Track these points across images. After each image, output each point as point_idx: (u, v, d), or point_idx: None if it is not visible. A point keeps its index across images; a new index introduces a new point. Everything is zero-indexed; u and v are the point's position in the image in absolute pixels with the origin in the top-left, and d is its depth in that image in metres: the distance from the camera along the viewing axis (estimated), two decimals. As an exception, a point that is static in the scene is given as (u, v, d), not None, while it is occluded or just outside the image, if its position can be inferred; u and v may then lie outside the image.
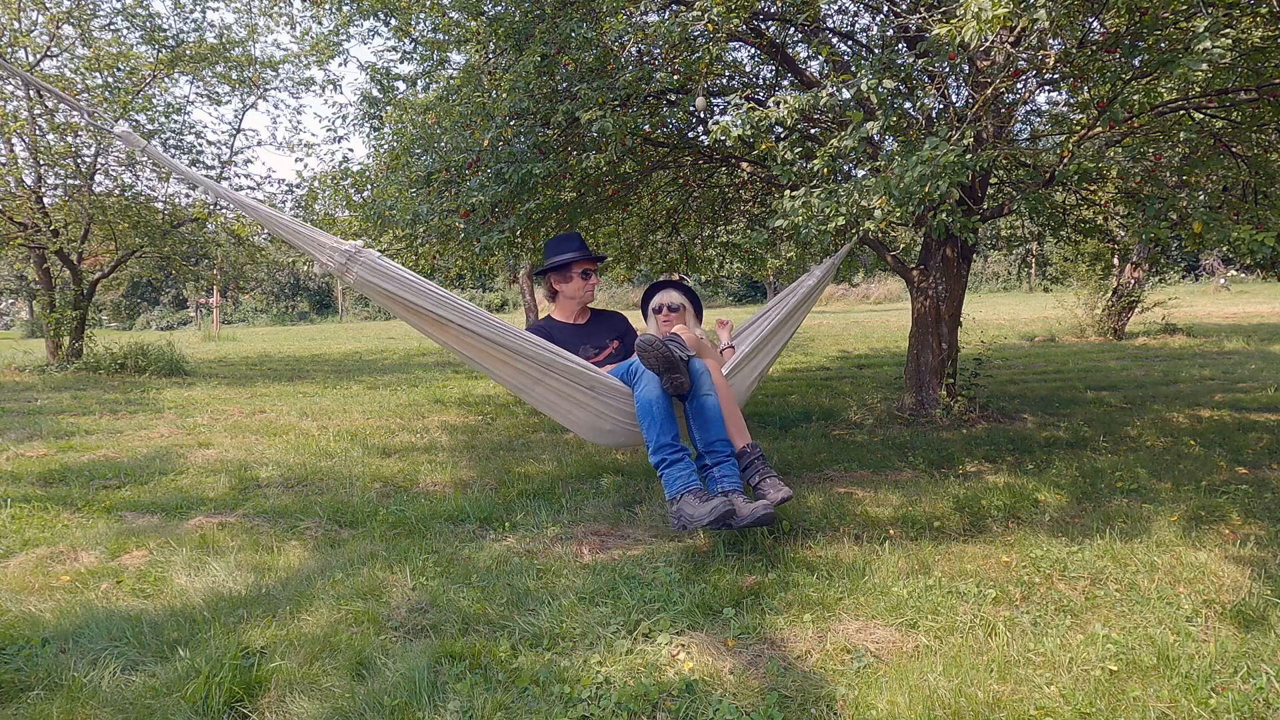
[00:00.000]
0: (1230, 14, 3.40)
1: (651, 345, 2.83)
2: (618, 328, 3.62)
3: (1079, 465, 3.95)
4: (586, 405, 3.08)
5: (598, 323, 3.60)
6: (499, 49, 4.54)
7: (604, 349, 3.48)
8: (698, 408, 2.96)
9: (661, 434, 2.82)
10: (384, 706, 1.86)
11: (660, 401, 2.87)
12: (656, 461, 2.83)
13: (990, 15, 2.47)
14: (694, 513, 2.63)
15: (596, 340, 3.48)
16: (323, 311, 36.57)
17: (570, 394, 3.06)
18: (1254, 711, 1.81)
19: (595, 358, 3.39)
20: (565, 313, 3.57)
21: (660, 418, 2.84)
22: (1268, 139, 4.58)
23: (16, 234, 8.76)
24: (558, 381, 3.03)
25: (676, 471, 2.77)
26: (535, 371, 3.01)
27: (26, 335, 21.15)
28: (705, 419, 2.93)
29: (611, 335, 3.55)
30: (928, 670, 1.98)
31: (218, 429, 5.56)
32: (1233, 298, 19.33)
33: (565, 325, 3.53)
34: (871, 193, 3.02)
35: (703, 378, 2.98)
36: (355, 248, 2.81)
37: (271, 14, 9.07)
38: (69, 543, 3.04)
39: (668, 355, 2.83)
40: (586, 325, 3.56)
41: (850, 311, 22.05)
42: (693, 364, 2.98)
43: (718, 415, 2.94)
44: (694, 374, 2.96)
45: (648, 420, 2.86)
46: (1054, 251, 11.45)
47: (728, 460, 2.88)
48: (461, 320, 2.89)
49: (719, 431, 2.92)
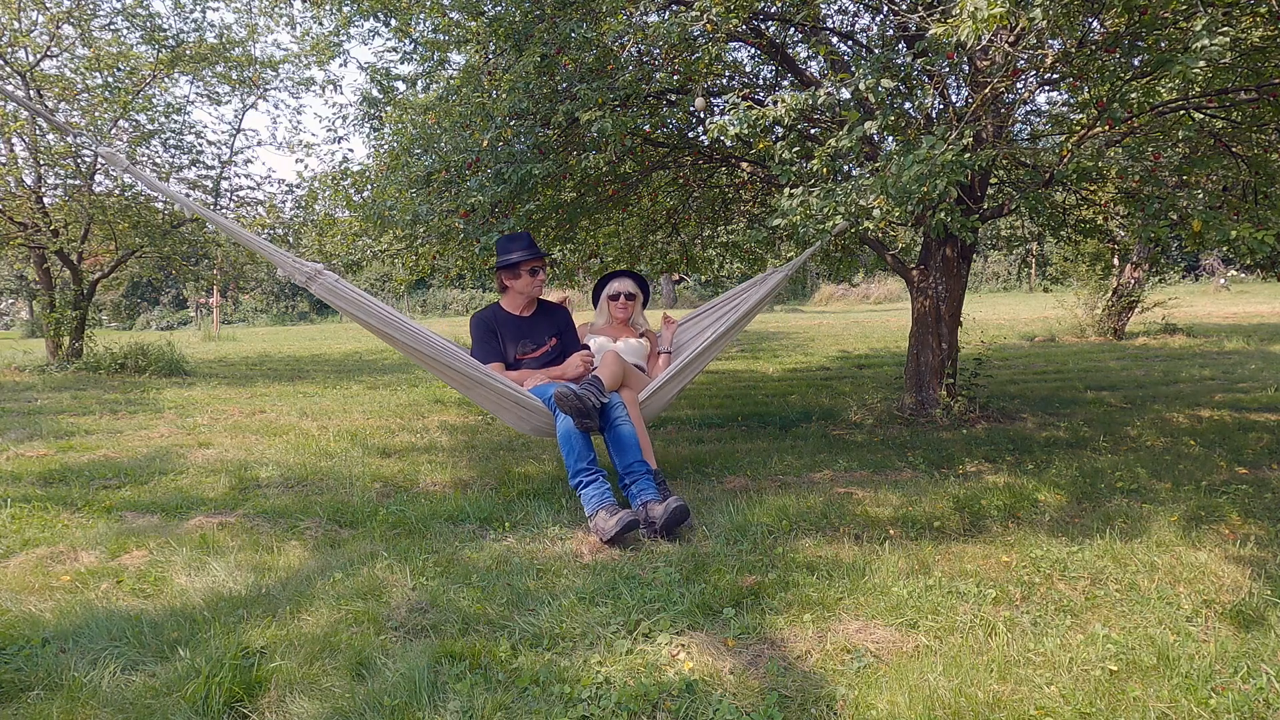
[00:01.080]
0: (1229, 13, 3.40)
1: (566, 398, 3.25)
2: (559, 323, 3.92)
3: (1079, 465, 3.95)
4: (514, 411, 3.54)
5: (541, 316, 3.88)
6: (499, 49, 4.54)
7: (541, 346, 3.81)
8: (615, 436, 3.36)
9: (578, 460, 3.23)
10: (384, 706, 1.86)
11: (577, 432, 3.28)
12: (575, 484, 3.22)
13: (986, 15, 2.47)
14: (605, 526, 2.96)
15: (536, 337, 3.82)
16: (323, 311, 36.54)
17: (500, 403, 3.52)
18: (1254, 711, 1.81)
19: (532, 354, 3.78)
20: (512, 304, 3.85)
21: (578, 445, 3.26)
22: (1268, 139, 4.58)
23: (16, 234, 8.75)
24: (489, 392, 3.48)
25: (591, 491, 3.14)
26: (468, 383, 3.46)
27: (26, 335, 21.15)
28: (622, 446, 3.33)
29: (551, 332, 3.86)
30: (928, 670, 1.98)
31: (218, 429, 5.56)
32: (1233, 298, 19.33)
33: (510, 317, 3.82)
34: (870, 192, 3.02)
35: (618, 409, 3.40)
36: (316, 269, 3.20)
37: (271, 14, 9.06)
38: (69, 543, 3.04)
39: (580, 407, 3.26)
40: (531, 318, 3.85)
41: (850, 311, 22.04)
42: (611, 398, 3.42)
43: (634, 441, 3.33)
44: (611, 406, 3.40)
45: (566, 447, 3.27)
46: (1054, 251, 11.45)
47: (644, 476, 3.24)
48: (403, 338, 3.31)
49: (635, 454, 3.30)
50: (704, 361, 3.89)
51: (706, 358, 3.88)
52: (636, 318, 4.16)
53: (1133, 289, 10.91)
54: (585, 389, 3.35)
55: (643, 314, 4.20)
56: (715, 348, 3.88)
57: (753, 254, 6.92)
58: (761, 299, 3.99)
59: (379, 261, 5.88)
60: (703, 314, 4.34)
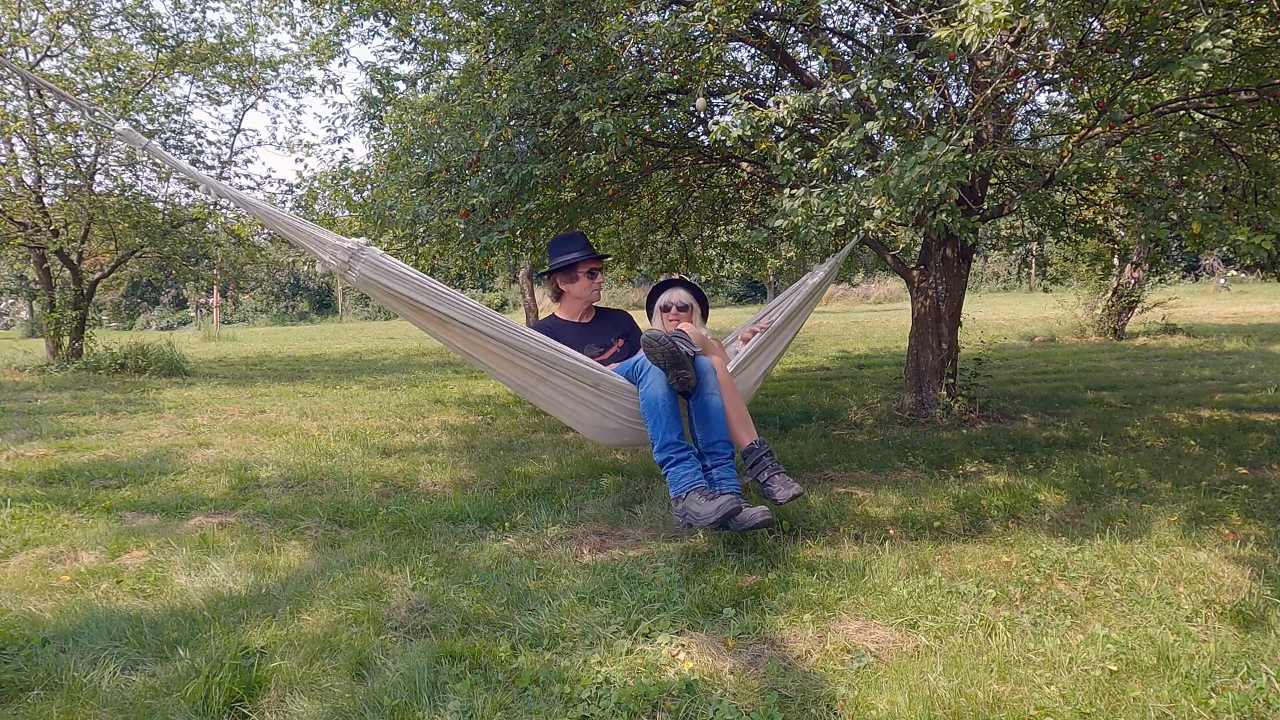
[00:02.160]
0: (1230, 14, 3.40)
1: (658, 340, 2.80)
2: (622, 326, 3.60)
3: (1079, 465, 3.95)
4: (591, 404, 3.05)
5: (603, 321, 3.58)
6: (499, 49, 4.54)
7: (609, 348, 3.46)
8: (702, 407, 2.92)
9: (667, 432, 2.81)
10: (384, 706, 1.86)
11: (666, 399, 2.84)
12: (662, 460, 2.82)
13: (992, 19, 2.47)
14: (700, 511, 2.62)
15: (601, 339, 3.47)
16: (323, 311, 36.58)
17: (575, 392, 3.03)
18: (1254, 711, 1.81)
19: (600, 356, 3.37)
20: (570, 312, 3.55)
21: (666, 415, 2.82)
22: (1268, 139, 4.58)
23: (16, 234, 8.76)
24: (562, 380, 3.00)
25: (682, 470, 2.76)
26: (539, 370, 2.98)
27: (26, 335, 21.15)
28: (709, 418, 2.90)
29: (617, 334, 3.53)
30: (928, 670, 1.98)
31: (218, 429, 5.56)
32: (1233, 298, 19.33)
33: (570, 324, 3.52)
34: (871, 193, 3.02)
35: (708, 376, 2.95)
36: (358, 245, 2.80)
37: (271, 14, 9.07)
38: (69, 543, 3.04)
39: (674, 350, 2.80)
40: (591, 324, 3.54)
41: (850, 311, 22.05)
42: (699, 361, 2.94)
43: (721, 415, 2.91)
44: (700, 372, 2.93)
45: (653, 418, 2.84)
46: (1054, 251, 11.45)
47: (727, 462, 2.86)
48: (465, 318, 2.86)
49: (721, 432, 2.89)
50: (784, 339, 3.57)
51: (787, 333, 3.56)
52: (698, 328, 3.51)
53: (1133, 289, 10.91)
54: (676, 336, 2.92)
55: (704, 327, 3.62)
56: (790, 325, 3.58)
57: (753, 254, 6.92)
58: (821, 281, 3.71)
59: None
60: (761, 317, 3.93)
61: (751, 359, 3.41)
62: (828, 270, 3.82)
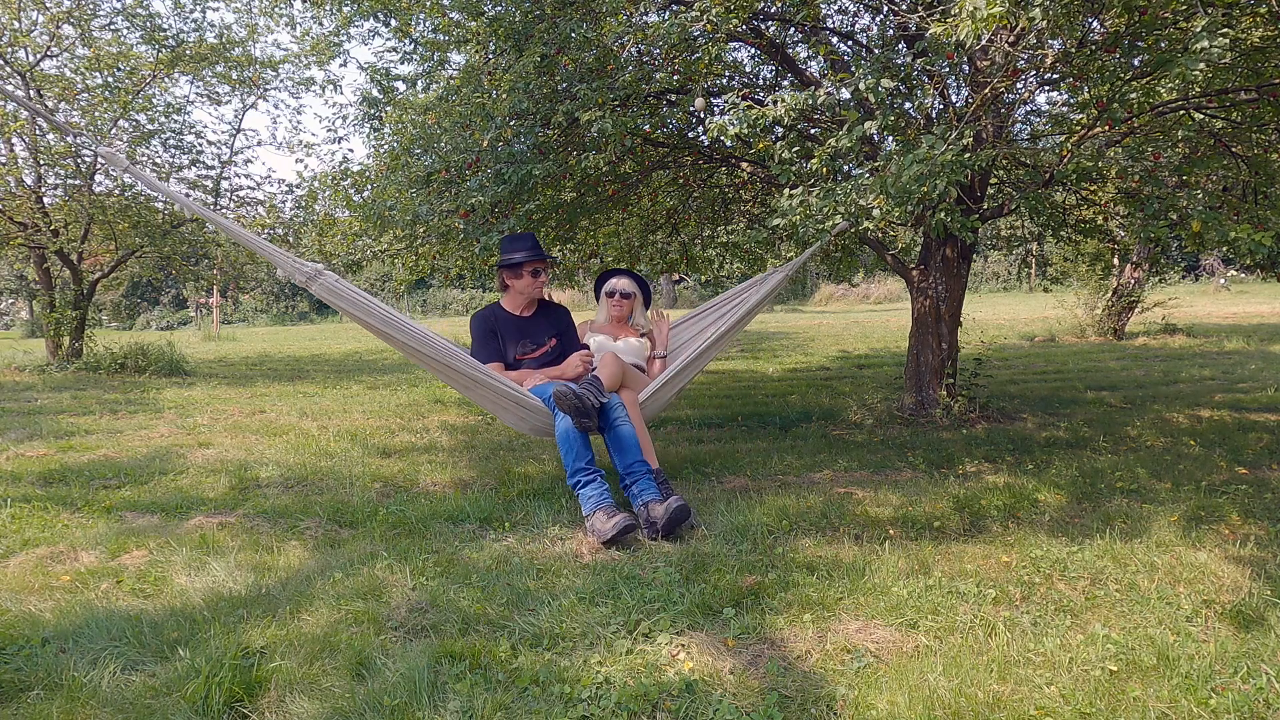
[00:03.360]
0: (1229, 14, 3.40)
1: (565, 397, 3.24)
2: (559, 325, 3.90)
3: (1079, 465, 3.95)
4: (514, 411, 3.53)
5: (542, 316, 3.87)
6: (499, 49, 4.54)
7: (540, 346, 3.81)
8: (615, 437, 3.35)
9: (577, 459, 3.24)
10: (384, 706, 1.86)
11: (575, 431, 3.28)
12: (573, 483, 3.22)
13: (985, 14, 2.47)
14: (602, 528, 2.97)
15: (536, 337, 3.81)
16: (323, 311, 36.52)
17: (499, 403, 3.52)
18: (1254, 711, 1.81)
19: (532, 354, 3.78)
20: (512, 304, 3.85)
21: (577, 445, 3.26)
22: (1268, 139, 4.58)
23: (16, 234, 8.75)
24: (489, 392, 3.47)
25: (590, 491, 3.14)
26: (468, 382, 3.45)
27: (26, 335, 21.13)
28: (623, 445, 3.32)
29: (551, 332, 3.84)
30: (928, 670, 1.98)
31: (218, 429, 5.56)
32: (1233, 298, 19.33)
33: (510, 317, 3.82)
34: (869, 192, 3.02)
35: (618, 410, 3.39)
36: (316, 270, 3.19)
37: (271, 14, 9.06)
38: (69, 543, 3.04)
39: (580, 406, 3.26)
40: (531, 319, 3.84)
41: (850, 311, 22.03)
42: (610, 399, 3.41)
43: (634, 442, 3.33)
44: (610, 406, 3.39)
45: (565, 447, 3.27)
46: (1054, 251, 11.45)
47: (645, 476, 3.23)
48: (402, 338, 3.31)
49: (635, 454, 3.30)
50: (703, 362, 3.89)
51: (706, 358, 3.88)
52: (637, 317, 4.15)
53: (1133, 289, 10.91)
54: (585, 388, 3.35)
55: (644, 314, 4.20)
56: (715, 348, 3.88)
57: (753, 254, 6.92)
58: (761, 299, 3.99)
59: (379, 261, 5.88)
60: (702, 313, 4.34)
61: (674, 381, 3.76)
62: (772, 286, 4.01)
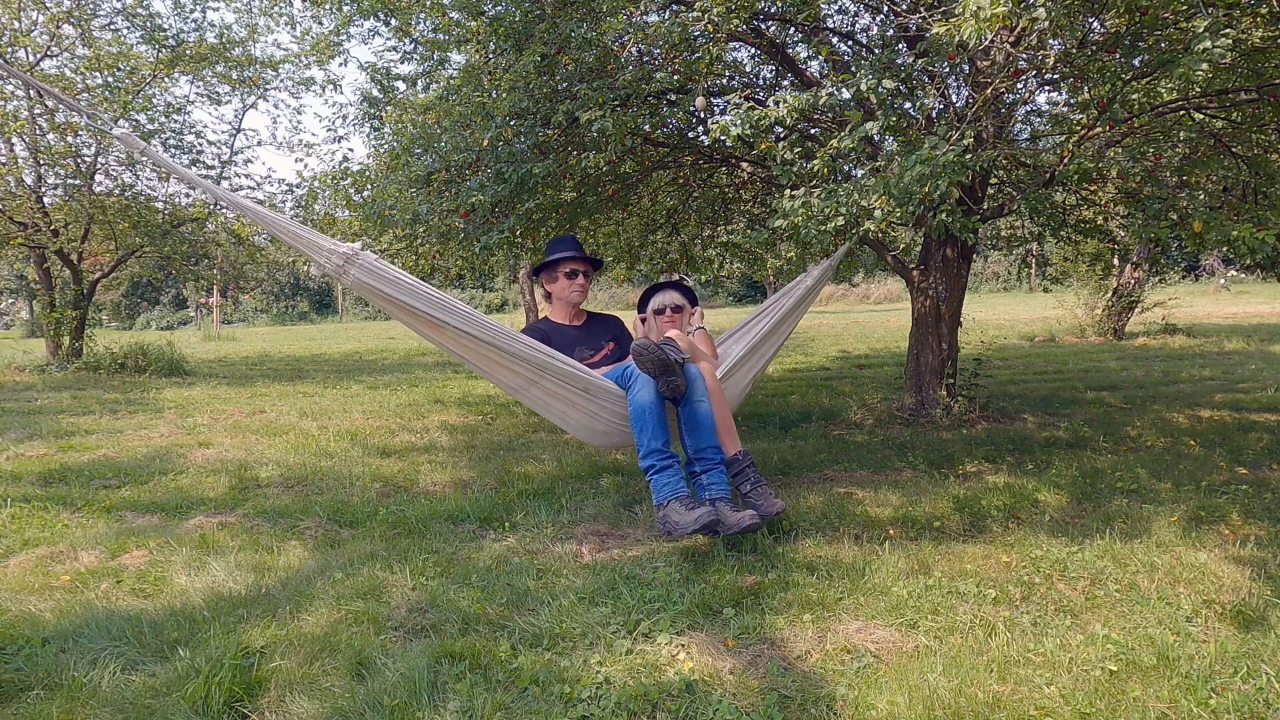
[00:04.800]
0: (1230, 14, 3.40)
1: (647, 349, 2.85)
2: (613, 330, 3.65)
3: (1079, 465, 3.95)
4: (581, 407, 3.09)
5: (594, 325, 3.62)
6: (499, 49, 4.54)
7: (599, 350, 3.50)
8: (690, 413, 2.96)
9: (653, 439, 2.85)
10: (384, 706, 1.86)
11: (654, 407, 2.88)
12: (646, 466, 2.87)
13: (989, 14, 2.47)
14: (679, 520, 2.68)
15: (592, 342, 3.50)
16: (323, 311, 36.56)
17: (565, 395, 3.07)
18: (1254, 711, 1.81)
19: (591, 359, 3.41)
20: (560, 314, 3.59)
21: (653, 423, 2.86)
22: (1268, 139, 4.58)
23: (16, 234, 8.75)
24: (552, 384, 3.04)
25: (665, 478, 2.81)
26: (530, 373, 3.02)
27: (26, 335, 21.14)
28: (697, 425, 2.94)
29: (607, 337, 3.57)
30: (928, 670, 1.98)
31: (218, 429, 5.56)
32: (1233, 298, 19.33)
33: (561, 327, 3.54)
34: (870, 192, 3.02)
35: (697, 383, 2.99)
36: (353, 250, 2.81)
37: (271, 14, 9.07)
38: (69, 543, 3.04)
39: (664, 359, 2.85)
40: (583, 327, 3.58)
41: (850, 311, 22.04)
42: (687, 369, 2.98)
43: (710, 422, 2.95)
44: (689, 378, 2.96)
45: (640, 425, 2.88)
46: (1054, 251, 11.44)
47: (717, 468, 2.91)
48: (457, 322, 2.89)
49: (710, 439, 2.93)
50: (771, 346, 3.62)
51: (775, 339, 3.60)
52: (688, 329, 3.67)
53: (1133, 289, 10.91)
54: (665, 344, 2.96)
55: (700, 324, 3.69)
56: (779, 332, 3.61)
57: (753, 254, 6.92)
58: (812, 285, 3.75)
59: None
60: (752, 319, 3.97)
61: (742, 363, 3.44)
62: (820, 273, 3.86)
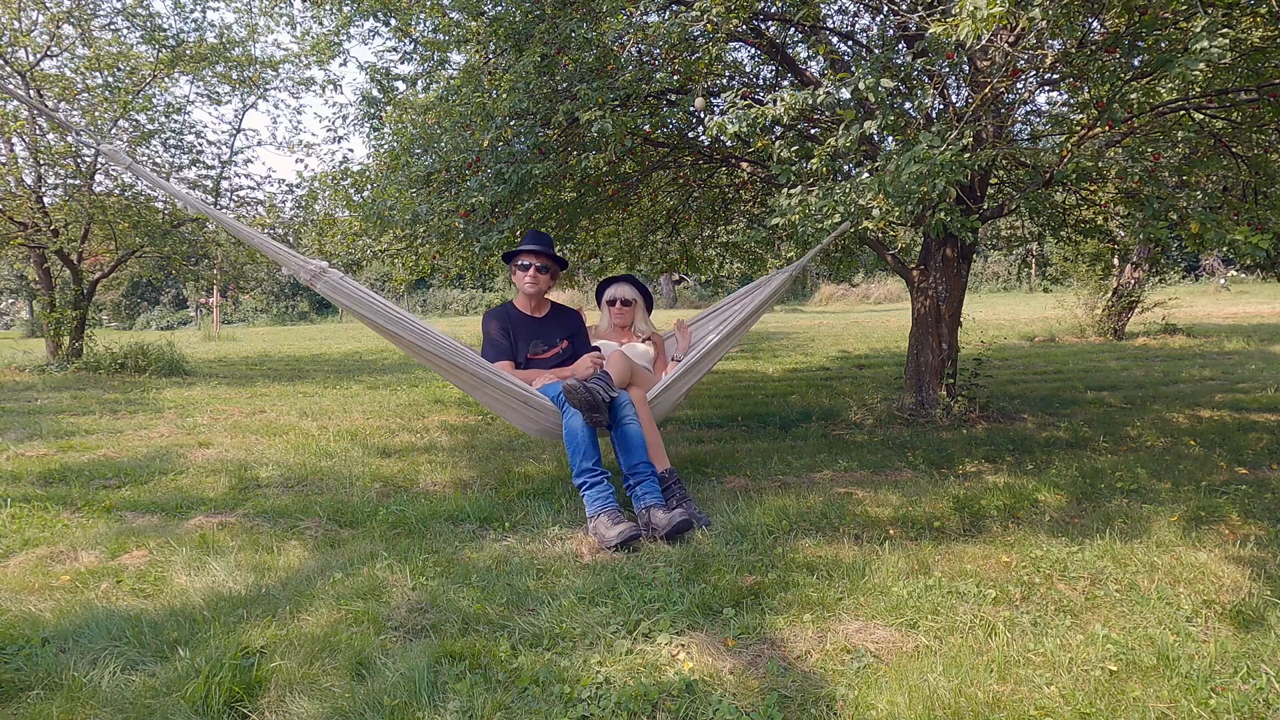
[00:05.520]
0: (1230, 14, 3.40)
1: (575, 391, 3.16)
2: (571, 327, 3.86)
3: (1079, 465, 3.95)
4: (521, 411, 3.47)
5: (554, 319, 3.84)
6: (499, 49, 4.54)
7: (553, 347, 3.76)
8: (621, 435, 3.28)
9: (584, 459, 3.18)
10: (384, 706, 1.86)
11: (584, 431, 3.22)
12: (579, 484, 3.17)
13: (986, 14, 2.47)
14: (607, 533, 2.93)
15: (548, 337, 3.76)
16: (323, 311, 36.53)
17: (507, 401, 3.44)
18: (1254, 711, 1.81)
19: (544, 354, 3.73)
20: (524, 303, 3.82)
21: (584, 445, 3.19)
22: (1268, 139, 4.58)
23: (16, 234, 8.75)
24: (494, 392, 3.40)
25: (595, 493, 3.10)
26: (476, 382, 3.38)
27: (26, 335, 21.14)
28: (629, 445, 3.26)
29: (563, 334, 3.80)
30: (928, 670, 1.98)
31: (218, 429, 5.56)
32: (1233, 298, 19.33)
33: (522, 316, 3.78)
34: (869, 191, 3.02)
35: (626, 408, 3.33)
36: (320, 268, 3.15)
37: (271, 14, 9.06)
38: (69, 543, 3.04)
39: (590, 400, 3.17)
40: (543, 319, 3.80)
41: (850, 311, 22.03)
42: (619, 396, 3.34)
43: (640, 442, 3.26)
44: (619, 404, 3.32)
45: (572, 446, 3.21)
46: (1054, 251, 11.45)
47: (649, 479, 3.19)
48: (410, 336, 3.26)
49: (641, 455, 3.24)
50: (710, 362, 3.87)
51: (713, 358, 3.86)
52: (639, 323, 4.11)
53: (1133, 289, 10.91)
54: (595, 383, 3.29)
55: (647, 319, 4.15)
56: (721, 348, 3.87)
57: (753, 254, 6.92)
58: (766, 300, 3.98)
59: (379, 261, 5.88)
60: (708, 316, 4.32)
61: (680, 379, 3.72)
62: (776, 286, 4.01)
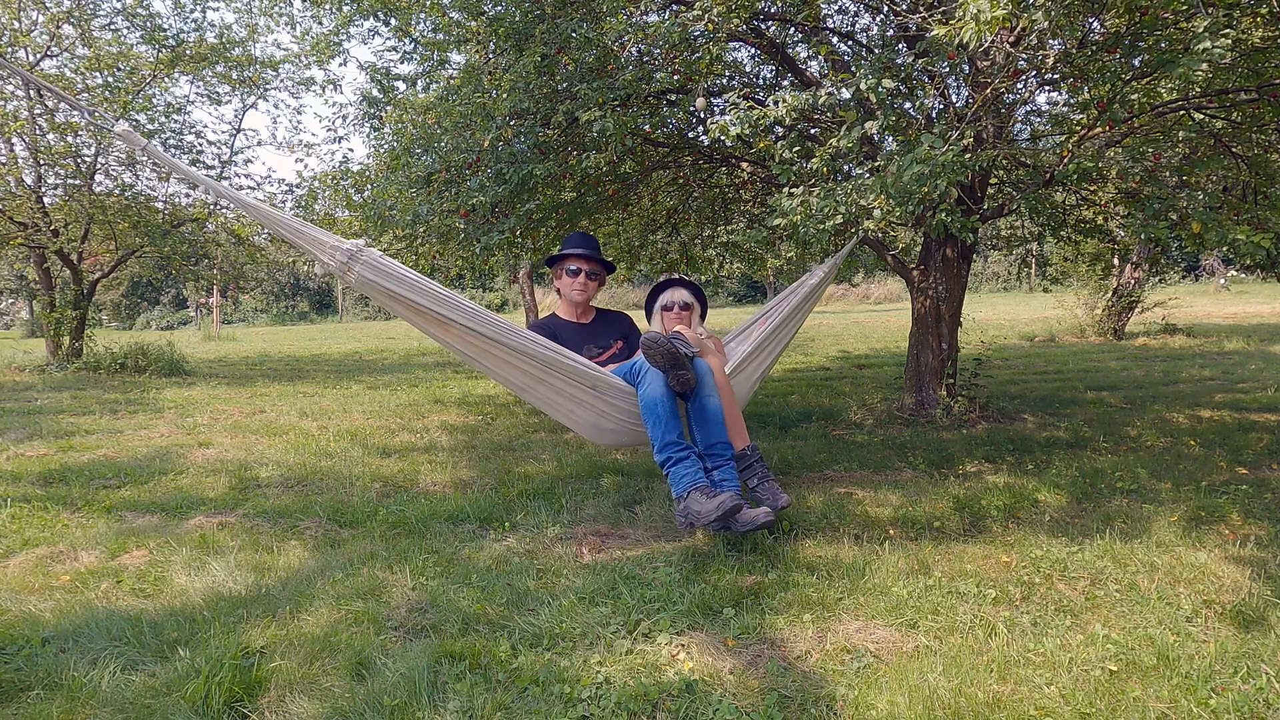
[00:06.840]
0: (1230, 14, 3.40)
1: (656, 342, 2.81)
2: (622, 327, 3.61)
3: (1079, 465, 3.95)
4: (589, 404, 3.06)
5: (602, 322, 3.59)
6: (499, 49, 4.54)
7: (607, 349, 3.47)
8: (700, 409, 2.93)
9: (667, 432, 2.81)
10: (384, 706, 1.86)
11: (665, 400, 2.85)
12: (663, 460, 2.82)
13: (989, 17, 2.47)
14: (701, 509, 2.63)
15: (600, 340, 3.47)
16: (323, 311, 36.55)
17: (572, 393, 3.04)
18: (1254, 711, 1.81)
19: (598, 357, 3.37)
20: (568, 311, 3.56)
21: (665, 416, 2.82)
22: (1268, 139, 4.58)
23: (16, 234, 8.75)
24: (560, 380, 3.00)
25: (683, 469, 2.76)
26: (538, 371, 2.99)
27: (26, 335, 21.14)
28: (707, 420, 2.92)
29: (615, 335, 3.55)
30: (928, 670, 1.98)
31: (218, 429, 5.56)
32: (1233, 298, 19.33)
33: (569, 324, 3.52)
34: (869, 192, 3.02)
35: (706, 378, 2.96)
36: (357, 246, 2.80)
37: (271, 14, 9.07)
38: (69, 543, 3.04)
39: (673, 352, 2.81)
40: (590, 324, 3.56)
41: (850, 311, 22.04)
42: (697, 363, 2.95)
43: (719, 417, 2.92)
44: (698, 373, 2.93)
45: (653, 418, 2.84)
46: (1054, 251, 11.44)
47: (728, 464, 2.88)
48: (464, 319, 2.87)
49: (720, 434, 2.90)
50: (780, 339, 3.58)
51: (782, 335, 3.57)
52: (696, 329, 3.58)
53: (1133, 289, 10.91)
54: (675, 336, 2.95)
55: (703, 326, 3.64)
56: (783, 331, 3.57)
57: (753, 254, 6.92)
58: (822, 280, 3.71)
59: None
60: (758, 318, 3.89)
61: (749, 361, 3.42)
62: (826, 271, 3.82)
